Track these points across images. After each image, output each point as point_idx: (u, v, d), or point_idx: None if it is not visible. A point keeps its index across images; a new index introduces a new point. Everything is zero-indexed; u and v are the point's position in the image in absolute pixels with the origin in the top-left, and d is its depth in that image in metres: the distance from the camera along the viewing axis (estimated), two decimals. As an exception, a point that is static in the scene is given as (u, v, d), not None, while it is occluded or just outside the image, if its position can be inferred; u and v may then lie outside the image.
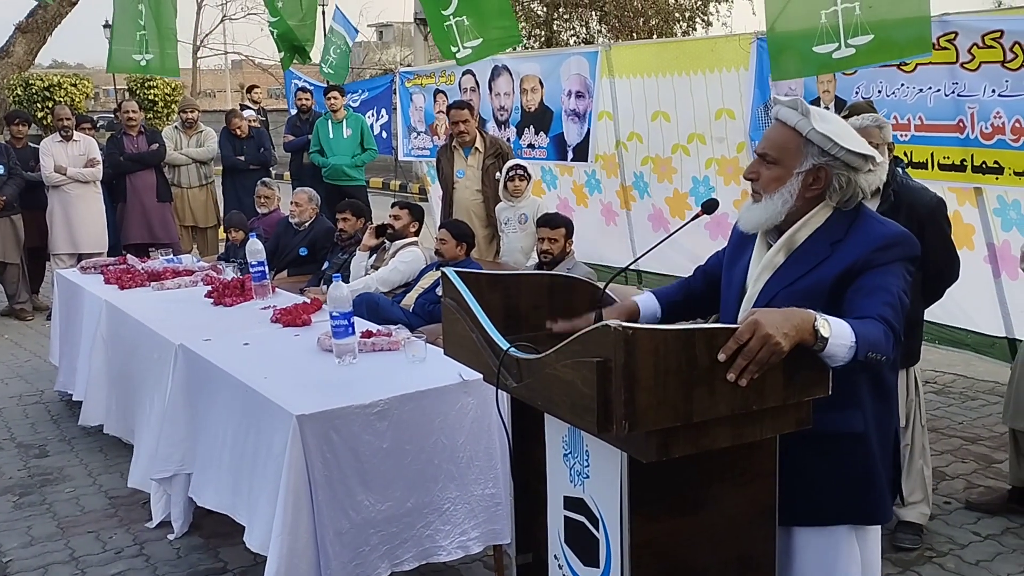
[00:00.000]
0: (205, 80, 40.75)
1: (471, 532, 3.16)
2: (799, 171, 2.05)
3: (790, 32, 4.65)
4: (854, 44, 4.35)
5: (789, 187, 2.06)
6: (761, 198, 2.10)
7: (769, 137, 2.12)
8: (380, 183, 17.29)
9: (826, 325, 1.76)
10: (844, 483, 2.10)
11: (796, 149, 2.05)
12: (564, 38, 21.99)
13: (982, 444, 4.56)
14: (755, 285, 2.14)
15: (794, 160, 2.06)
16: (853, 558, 2.16)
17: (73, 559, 3.69)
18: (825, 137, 2.03)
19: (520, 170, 5.94)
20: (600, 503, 1.98)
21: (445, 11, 6.28)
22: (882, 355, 1.84)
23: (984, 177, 4.65)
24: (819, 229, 2.08)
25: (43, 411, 5.53)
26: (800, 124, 2.05)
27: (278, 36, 8.57)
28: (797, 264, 2.08)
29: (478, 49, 6.32)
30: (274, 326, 4.09)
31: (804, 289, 2.03)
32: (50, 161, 7.66)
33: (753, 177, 2.13)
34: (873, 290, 1.95)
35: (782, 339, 1.70)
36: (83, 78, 22.70)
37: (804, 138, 2.05)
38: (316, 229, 6.41)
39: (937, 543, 3.60)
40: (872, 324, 1.86)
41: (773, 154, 2.09)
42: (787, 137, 2.07)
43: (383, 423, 2.98)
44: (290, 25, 8.31)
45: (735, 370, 1.70)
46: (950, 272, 3.50)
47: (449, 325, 2.28)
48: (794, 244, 2.09)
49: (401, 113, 8.87)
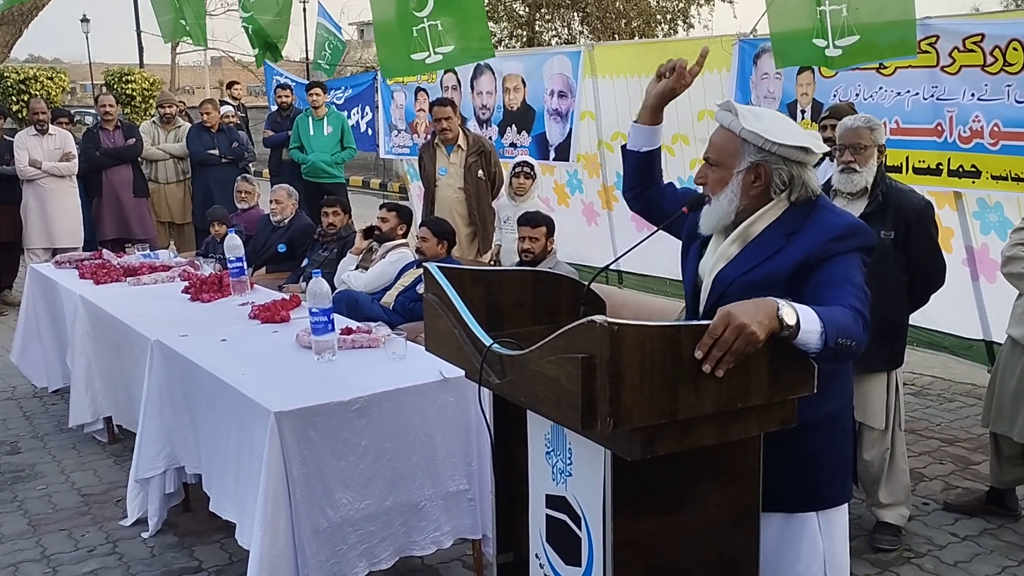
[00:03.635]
0: (184, 76, 40.42)
1: (444, 527, 3.16)
2: (738, 170, 2.11)
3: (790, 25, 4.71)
4: (841, 45, 4.39)
5: (732, 187, 2.12)
6: (711, 202, 2.16)
7: (711, 141, 2.18)
8: (360, 181, 17.21)
9: (791, 312, 1.76)
10: (799, 470, 2.12)
11: (734, 150, 2.11)
12: (546, 38, 22.03)
13: (960, 446, 4.59)
14: (709, 275, 2.18)
15: (732, 160, 2.12)
16: (815, 544, 2.19)
17: (44, 557, 3.62)
18: (755, 134, 2.07)
19: (527, 167, 5.87)
20: (583, 501, 1.97)
21: (420, 12, 5.91)
22: (852, 341, 1.86)
23: (961, 181, 4.68)
24: (774, 222, 2.12)
25: (15, 407, 5.45)
26: (732, 124, 2.11)
27: (252, 32, 8.51)
28: (752, 254, 2.12)
29: (448, 57, 6.00)
30: (252, 322, 4.05)
31: (759, 278, 2.06)
32: (24, 155, 7.56)
33: (702, 181, 2.19)
34: (837, 282, 1.99)
35: (756, 327, 1.69)
36: (60, 72, 22.47)
37: (740, 138, 2.10)
38: (295, 226, 6.36)
39: (915, 544, 3.61)
40: (840, 311, 1.88)
41: (714, 156, 2.15)
42: (726, 139, 2.13)
43: (362, 420, 2.95)
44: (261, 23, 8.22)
45: (711, 360, 1.69)
46: (936, 277, 3.50)
47: (431, 321, 2.26)
48: (749, 236, 2.14)
49: (382, 111, 8.83)
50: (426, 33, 5.94)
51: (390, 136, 8.80)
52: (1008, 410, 3.58)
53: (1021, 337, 3.53)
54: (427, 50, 5.94)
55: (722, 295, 2.11)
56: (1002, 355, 3.70)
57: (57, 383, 5.31)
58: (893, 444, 3.56)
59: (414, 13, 5.90)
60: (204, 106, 8.44)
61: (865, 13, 4.32)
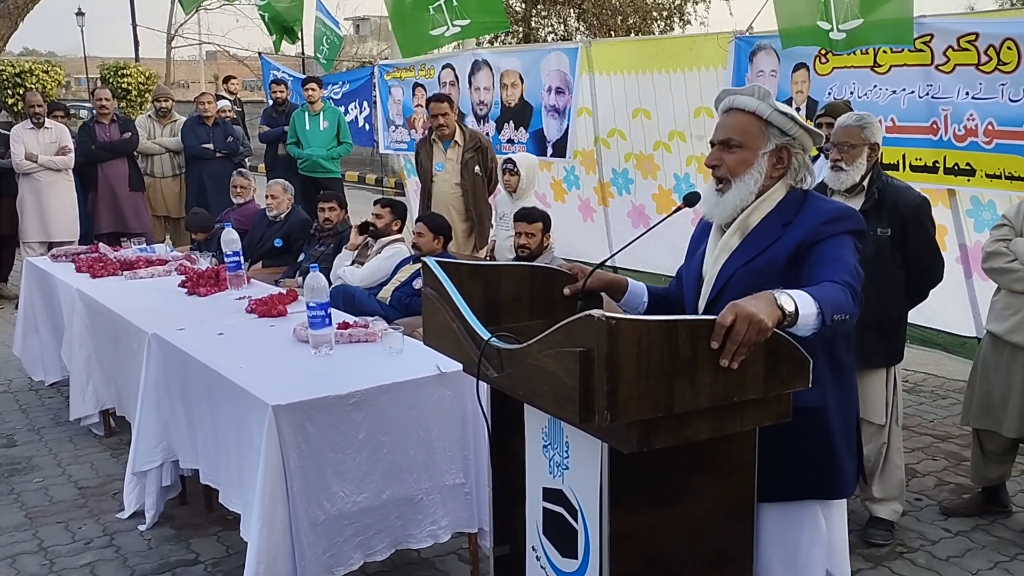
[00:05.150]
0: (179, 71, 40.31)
1: (441, 521, 3.18)
2: (764, 152, 2.17)
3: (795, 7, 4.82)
4: (845, 29, 4.49)
5: (757, 168, 2.17)
6: (728, 185, 2.19)
7: (728, 125, 2.21)
8: (356, 176, 17.20)
9: (788, 300, 1.82)
10: (805, 458, 2.15)
11: (759, 132, 2.17)
12: (542, 35, 22.00)
13: (952, 442, 4.62)
14: (713, 268, 2.23)
15: (758, 142, 2.17)
16: (818, 534, 2.21)
17: (42, 549, 3.64)
18: (786, 117, 2.16)
19: (509, 164, 5.93)
20: (579, 494, 1.98)
21: None
22: (846, 315, 1.91)
23: (956, 179, 4.71)
24: (771, 212, 2.18)
25: (11, 400, 5.45)
26: (760, 108, 2.17)
27: (269, 19, 8.61)
28: (752, 245, 2.18)
29: (466, 29, 6.46)
30: (249, 316, 4.06)
31: (760, 267, 2.13)
32: (21, 148, 7.55)
33: (717, 164, 2.21)
34: (830, 261, 2.05)
35: (765, 316, 1.73)
36: (55, 65, 22.39)
37: (765, 121, 2.16)
38: (291, 221, 6.36)
39: (908, 539, 3.64)
40: (831, 287, 1.94)
41: (739, 138, 2.18)
42: (748, 122, 2.18)
43: (359, 414, 2.96)
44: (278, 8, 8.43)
45: (727, 355, 1.72)
46: (933, 273, 3.52)
47: (429, 315, 2.27)
48: (748, 227, 2.19)
49: (380, 106, 8.83)
50: (443, 9, 6.46)
51: (388, 131, 8.80)
52: (996, 405, 3.59)
53: (1002, 332, 3.55)
54: (445, 24, 6.46)
55: (726, 283, 2.17)
56: (982, 351, 3.71)
57: (53, 376, 5.32)
58: (889, 439, 3.58)
59: None
60: (202, 98, 8.43)
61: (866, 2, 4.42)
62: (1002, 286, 3.57)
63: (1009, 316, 3.52)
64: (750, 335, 1.71)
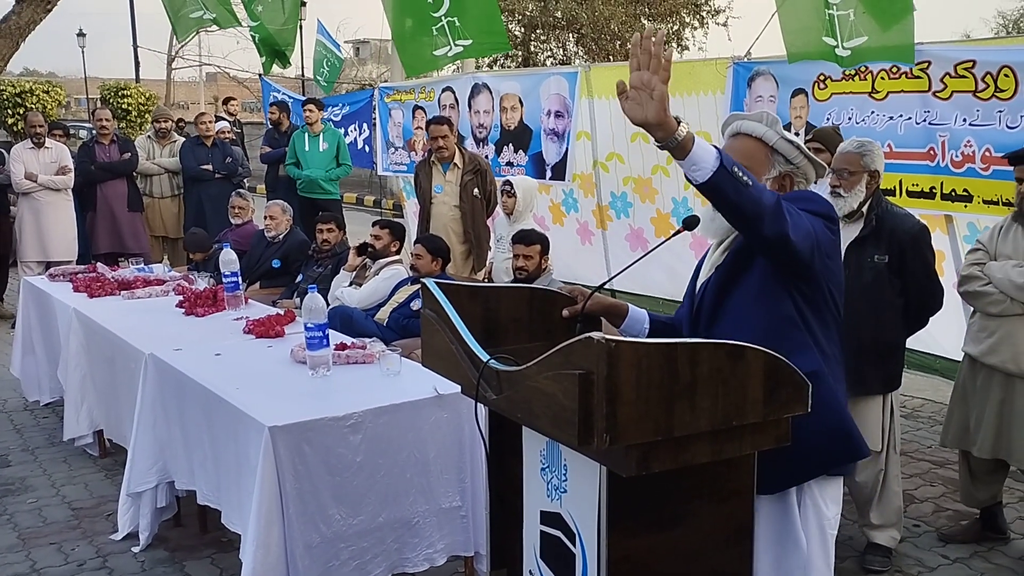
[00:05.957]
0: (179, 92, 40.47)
1: (437, 544, 3.16)
2: (767, 178, 2.20)
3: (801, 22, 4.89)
4: (850, 46, 4.55)
5: None
6: None
7: (733, 148, 2.23)
8: (354, 198, 17.23)
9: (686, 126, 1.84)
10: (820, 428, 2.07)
11: (764, 158, 2.20)
12: (541, 59, 22.14)
13: (950, 468, 4.59)
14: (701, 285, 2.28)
15: (763, 168, 2.20)
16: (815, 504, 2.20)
17: (34, 571, 3.60)
18: (792, 146, 2.19)
19: (506, 186, 5.96)
20: (577, 518, 1.97)
21: (436, 12, 6.49)
22: (750, 182, 1.90)
23: (953, 205, 4.72)
24: None
25: (6, 420, 5.42)
26: (767, 135, 2.20)
27: (259, 41, 8.63)
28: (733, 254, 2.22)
29: (468, 49, 6.56)
30: (247, 337, 4.05)
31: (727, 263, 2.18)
32: (20, 168, 7.56)
33: None
34: None
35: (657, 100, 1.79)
36: (55, 85, 22.49)
37: (771, 148, 2.19)
38: (289, 241, 6.37)
39: (906, 566, 3.62)
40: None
41: (744, 163, 2.14)
42: (754, 147, 2.21)
43: (356, 436, 2.95)
44: (270, 30, 8.44)
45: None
46: (932, 300, 3.53)
47: (428, 336, 2.27)
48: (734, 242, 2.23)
49: (380, 128, 8.87)
50: (445, 30, 6.55)
51: (387, 153, 8.83)
52: (972, 426, 3.60)
53: (978, 354, 3.56)
54: (447, 45, 6.54)
55: (703, 294, 2.22)
56: (961, 374, 3.73)
57: (49, 396, 5.30)
58: (887, 466, 3.57)
59: (431, 13, 6.51)
60: (201, 118, 8.46)
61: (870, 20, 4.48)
62: (977, 309, 3.60)
63: (984, 338, 3.54)
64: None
